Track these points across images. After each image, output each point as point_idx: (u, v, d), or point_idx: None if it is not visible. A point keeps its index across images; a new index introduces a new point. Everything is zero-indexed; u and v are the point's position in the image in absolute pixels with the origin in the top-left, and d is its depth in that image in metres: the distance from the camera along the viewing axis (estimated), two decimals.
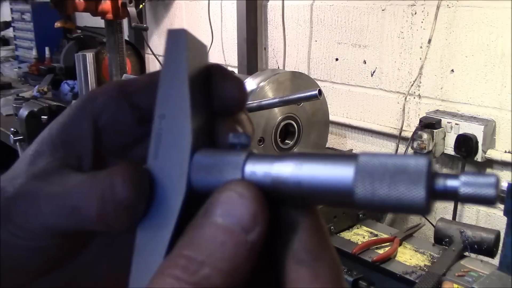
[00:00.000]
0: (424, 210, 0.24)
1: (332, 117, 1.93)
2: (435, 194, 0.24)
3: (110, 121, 0.32)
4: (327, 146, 1.88)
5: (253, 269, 0.24)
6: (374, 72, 2.14)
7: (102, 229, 0.29)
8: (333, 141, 2.32)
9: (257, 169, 0.25)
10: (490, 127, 1.77)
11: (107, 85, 0.34)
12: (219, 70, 0.31)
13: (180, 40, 0.28)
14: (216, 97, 0.30)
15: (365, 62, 2.17)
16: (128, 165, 0.28)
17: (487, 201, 0.24)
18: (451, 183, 0.24)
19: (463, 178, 0.24)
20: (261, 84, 1.63)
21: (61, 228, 0.30)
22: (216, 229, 0.24)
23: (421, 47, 1.95)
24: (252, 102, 1.56)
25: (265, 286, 0.27)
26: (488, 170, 1.83)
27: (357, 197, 0.24)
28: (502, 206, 1.12)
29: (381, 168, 0.23)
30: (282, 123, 1.67)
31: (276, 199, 0.25)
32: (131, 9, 2.71)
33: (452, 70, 1.87)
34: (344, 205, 0.25)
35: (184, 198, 0.26)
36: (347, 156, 0.25)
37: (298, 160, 0.25)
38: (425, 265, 1.28)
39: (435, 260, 1.30)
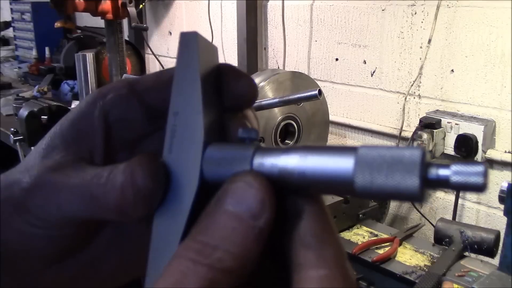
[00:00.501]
0: (418, 197, 0.25)
1: (332, 117, 1.94)
2: (428, 182, 0.25)
3: (120, 117, 0.33)
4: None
5: (262, 253, 0.26)
6: (374, 72, 2.14)
7: (119, 218, 0.30)
8: (333, 141, 2.32)
9: (265, 161, 0.27)
10: (490, 127, 1.77)
11: (117, 82, 0.35)
12: (231, 69, 0.32)
13: (192, 42, 0.30)
14: (228, 94, 0.32)
15: (365, 62, 2.17)
16: (147, 155, 0.30)
17: (476, 189, 0.26)
18: (443, 172, 0.25)
19: (454, 167, 0.25)
20: (261, 84, 1.63)
21: (79, 218, 0.32)
22: (227, 216, 0.25)
23: (421, 47, 1.95)
24: None
25: (273, 272, 0.28)
26: (488, 170, 1.83)
27: (357, 185, 0.26)
28: (502, 206, 1.12)
29: (379, 159, 0.25)
30: (282, 123, 1.67)
31: (283, 189, 0.27)
32: (131, 9, 2.71)
33: (452, 70, 1.87)
34: (345, 193, 0.27)
35: (198, 189, 0.28)
36: (348, 148, 0.26)
37: (303, 152, 0.27)
38: (425, 265, 1.28)
39: (435, 260, 1.30)
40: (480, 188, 0.26)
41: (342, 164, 0.26)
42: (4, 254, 0.32)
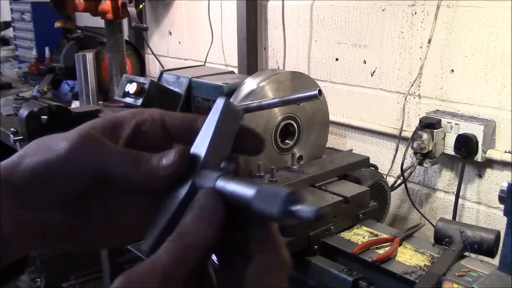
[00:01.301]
0: (276, 219, 0.40)
1: (332, 117, 1.94)
2: (289, 213, 0.38)
3: (146, 129, 0.48)
4: (327, 146, 1.88)
5: (217, 239, 0.41)
6: (374, 72, 2.14)
7: (144, 183, 0.45)
8: (333, 141, 2.32)
9: (221, 184, 0.43)
10: (490, 127, 1.77)
11: (155, 110, 0.50)
12: (246, 130, 0.48)
13: (220, 105, 0.46)
14: (240, 145, 0.47)
15: (365, 62, 2.17)
16: (183, 148, 0.45)
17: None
18: (301, 208, 0.38)
19: (306, 208, 0.38)
20: (261, 84, 1.63)
21: (109, 175, 0.45)
22: (195, 216, 0.41)
23: (421, 47, 1.95)
24: (252, 102, 1.55)
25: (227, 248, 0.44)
26: (488, 170, 1.83)
27: (252, 207, 0.40)
28: (502, 206, 1.12)
29: (267, 191, 0.39)
30: (282, 123, 1.67)
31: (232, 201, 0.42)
32: (131, 9, 2.71)
33: (452, 70, 1.87)
34: (249, 211, 0.40)
35: (188, 189, 0.44)
36: (255, 184, 0.41)
37: (235, 181, 0.42)
38: (425, 265, 1.28)
39: (435, 260, 1.30)
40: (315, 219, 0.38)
41: (248, 192, 0.40)
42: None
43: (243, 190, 0.41)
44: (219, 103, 0.46)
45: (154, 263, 0.39)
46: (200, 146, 0.45)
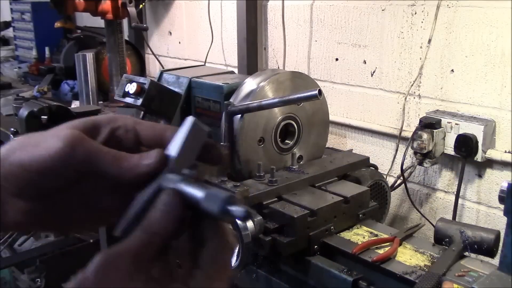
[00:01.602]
0: (217, 216, 0.51)
1: (332, 117, 1.93)
2: (226, 212, 0.50)
3: (120, 134, 0.59)
4: (327, 146, 1.88)
5: (177, 229, 0.52)
6: (374, 72, 2.14)
7: (129, 176, 0.55)
8: (333, 141, 2.32)
9: (180, 186, 0.53)
10: (490, 127, 1.77)
11: (129, 118, 0.60)
12: (209, 144, 0.59)
13: (189, 123, 0.57)
14: (204, 157, 0.58)
15: (365, 62, 2.17)
16: (161, 150, 0.56)
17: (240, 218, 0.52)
18: (235, 209, 0.50)
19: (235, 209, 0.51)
20: (261, 84, 1.63)
21: (94, 169, 0.55)
22: (159, 210, 0.52)
23: (421, 47, 1.95)
24: (252, 102, 1.56)
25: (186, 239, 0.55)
26: (488, 170, 1.83)
27: (201, 205, 0.51)
28: (502, 206, 1.12)
29: (212, 194, 0.51)
30: (282, 123, 1.66)
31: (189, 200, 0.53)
32: (131, 9, 2.71)
33: (452, 70, 1.87)
34: (200, 209, 0.52)
35: (154, 189, 0.55)
36: (206, 187, 0.52)
37: (190, 185, 0.53)
38: (425, 265, 1.28)
39: (435, 260, 1.29)
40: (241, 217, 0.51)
41: (198, 194, 0.52)
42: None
43: (196, 192, 0.52)
44: (189, 121, 0.57)
45: (127, 244, 0.49)
46: (170, 154, 0.56)
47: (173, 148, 0.56)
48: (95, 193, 0.58)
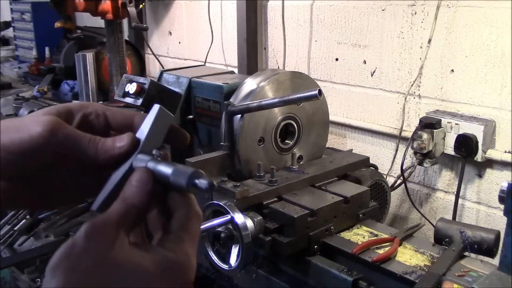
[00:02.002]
0: (185, 189, 0.58)
1: (332, 117, 1.93)
2: (193, 185, 0.57)
3: (91, 120, 0.65)
4: (327, 146, 1.88)
5: (149, 201, 0.59)
6: (374, 72, 2.14)
7: (101, 158, 0.62)
8: (333, 141, 2.32)
9: (150, 165, 0.61)
10: (490, 127, 1.76)
11: (98, 105, 0.67)
12: (175, 128, 0.66)
13: (155, 109, 0.63)
14: (169, 139, 0.65)
15: (365, 62, 2.17)
16: (133, 134, 0.63)
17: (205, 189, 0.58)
18: (200, 181, 0.57)
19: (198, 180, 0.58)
20: (261, 84, 1.63)
21: (74, 152, 0.62)
22: (134, 186, 0.59)
23: (421, 47, 1.95)
24: (252, 102, 1.56)
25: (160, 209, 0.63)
26: (488, 170, 1.83)
27: (171, 180, 0.58)
28: (502, 206, 1.12)
29: (180, 170, 0.58)
30: (282, 123, 1.66)
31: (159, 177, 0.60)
32: (131, 9, 2.71)
33: (452, 70, 1.87)
34: (170, 185, 0.59)
35: (128, 168, 0.62)
36: (173, 165, 0.59)
37: (161, 163, 0.60)
38: (425, 265, 1.28)
39: (435, 260, 1.29)
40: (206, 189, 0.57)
41: (166, 171, 0.59)
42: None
43: (165, 169, 0.59)
44: (155, 108, 0.63)
45: (109, 214, 0.56)
46: (140, 137, 0.63)
47: (143, 132, 0.63)
48: (70, 174, 0.65)
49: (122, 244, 0.55)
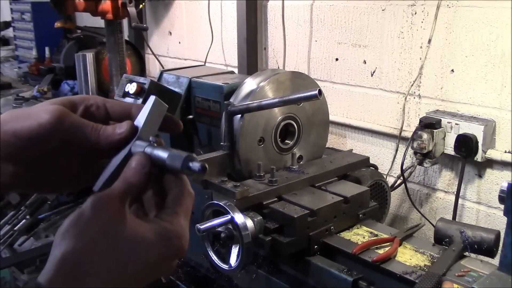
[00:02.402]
0: (180, 171, 0.65)
1: (332, 117, 1.93)
2: (187, 167, 0.63)
3: (93, 111, 0.72)
4: (327, 146, 1.88)
5: (146, 181, 0.66)
6: (374, 72, 2.14)
7: (101, 144, 0.69)
8: (333, 141, 2.32)
9: (148, 150, 0.67)
10: (490, 127, 1.77)
11: (99, 97, 0.74)
12: (168, 117, 0.73)
13: (151, 100, 0.70)
14: (164, 127, 0.72)
15: (365, 62, 2.17)
16: (131, 122, 0.70)
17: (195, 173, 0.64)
18: (193, 164, 0.64)
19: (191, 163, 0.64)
20: (261, 84, 1.63)
21: (79, 139, 0.69)
22: (133, 168, 0.65)
23: (421, 47, 1.95)
24: (252, 102, 1.56)
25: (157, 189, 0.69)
26: (488, 170, 1.83)
27: (166, 163, 0.65)
28: (502, 206, 1.12)
29: (175, 154, 0.65)
30: (282, 123, 1.66)
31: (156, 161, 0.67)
32: (131, 9, 2.71)
33: (452, 70, 1.87)
34: (165, 168, 0.66)
35: (127, 153, 0.68)
36: (168, 149, 0.66)
37: (158, 148, 0.67)
38: (425, 265, 1.28)
39: (435, 260, 1.29)
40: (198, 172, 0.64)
41: (163, 155, 0.65)
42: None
43: (161, 153, 0.66)
44: (151, 99, 0.70)
45: (112, 190, 0.63)
46: (137, 125, 0.70)
47: (140, 120, 0.70)
48: (74, 160, 0.72)
49: (124, 214, 0.62)
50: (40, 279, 0.59)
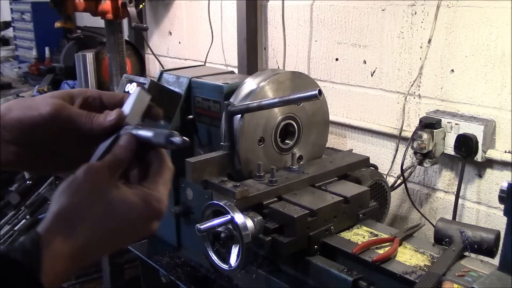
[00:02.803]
0: (164, 146, 0.76)
1: (332, 117, 1.93)
2: (170, 142, 0.74)
3: (90, 102, 0.84)
4: (327, 146, 1.88)
5: (133, 157, 0.77)
6: (374, 72, 2.14)
7: (95, 130, 0.79)
8: (333, 141, 2.32)
9: (134, 131, 0.77)
10: (490, 127, 1.77)
11: (94, 90, 0.87)
12: (151, 105, 0.83)
13: (136, 90, 0.82)
14: (147, 114, 0.83)
15: (365, 62, 2.17)
16: (120, 110, 0.80)
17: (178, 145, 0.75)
18: (175, 139, 0.74)
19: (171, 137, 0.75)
20: (261, 84, 1.63)
21: (76, 127, 0.79)
22: (122, 146, 0.76)
23: (421, 47, 1.95)
24: (252, 102, 1.56)
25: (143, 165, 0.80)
26: (488, 170, 1.83)
27: (152, 140, 0.76)
28: (502, 206, 1.12)
29: (159, 132, 0.75)
30: (282, 123, 1.66)
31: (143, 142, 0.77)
32: (131, 9, 2.71)
33: (452, 70, 1.87)
34: (151, 144, 0.77)
35: (116, 135, 0.78)
36: (153, 129, 0.76)
37: (143, 129, 0.77)
38: (425, 265, 1.28)
39: (435, 260, 1.29)
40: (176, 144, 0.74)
41: (148, 134, 0.76)
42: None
43: (147, 133, 0.76)
44: (136, 89, 0.82)
45: (103, 161, 0.74)
46: (124, 112, 0.80)
47: (127, 108, 0.80)
48: (72, 143, 0.82)
49: (113, 180, 0.73)
50: (39, 229, 0.67)
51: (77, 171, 0.71)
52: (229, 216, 1.30)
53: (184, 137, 0.73)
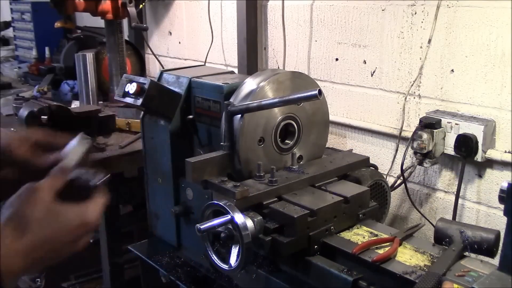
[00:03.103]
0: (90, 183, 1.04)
1: (332, 117, 1.93)
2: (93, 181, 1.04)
3: (38, 142, 1.13)
4: (327, 146, 1.88)
5: (67, 179, 1.02)
6: (374, 72, 2.14)
7: (42, 167, 1.05)
8: (333, 141, 2.32)
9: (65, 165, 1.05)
10: (490, 127, 1.77)
11: (44, 132, 1.17)
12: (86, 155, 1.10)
13: (78, 137, 1.09)
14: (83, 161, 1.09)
15: (365, 62, 2.17)
16: (56, 154, 1.09)
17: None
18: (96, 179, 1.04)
19: None
20: (261, 84, 1.63)
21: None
22: (55, 170, 0.99)
23: (421, 47, 1.95)
24: (252, 102, 1.56)
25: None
26: (488, 170, 1.83)
27: (80, 178, 1.06)
28: (502, 206, 1.12)
29: (83, 172, 1.06)
30: (282, 123, 1.66)
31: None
32: (131, 9, 2.71)
33: (452, 70, 1.87)
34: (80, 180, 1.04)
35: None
36: (82, 170, 1.06)
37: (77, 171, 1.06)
38: (425, 265, 1.28)
39: (435, 260, 1.29)
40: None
41: (78, 172, 1.07)
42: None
43: (77, 172, 1.00)
44: (78, 136, 1.06)
45: (41, 181, 0.93)
46: (63, 155, 1.04)
47: (67, 150, 1.04)
48: (18, 176, 1.06)
49: (51, 194, 0.92)
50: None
51: (20, 189, 0.91)
52: (229, 216, 1.30)
53: (105, 176, 1.01)
